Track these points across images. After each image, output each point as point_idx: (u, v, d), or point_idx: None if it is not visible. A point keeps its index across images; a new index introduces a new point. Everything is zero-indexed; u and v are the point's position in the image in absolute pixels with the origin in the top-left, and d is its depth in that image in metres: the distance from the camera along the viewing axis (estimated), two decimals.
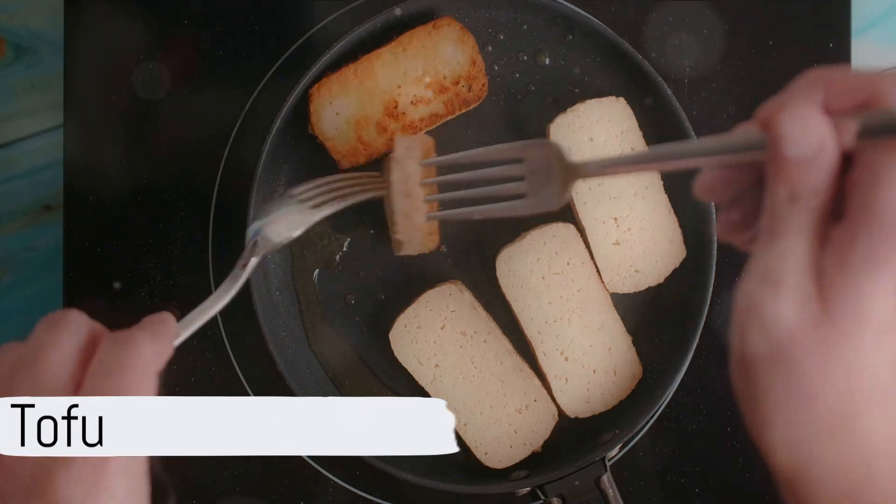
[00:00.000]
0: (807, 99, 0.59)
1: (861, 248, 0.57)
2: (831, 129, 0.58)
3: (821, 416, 0.58)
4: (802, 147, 0.58)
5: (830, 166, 0.58)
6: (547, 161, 0.82)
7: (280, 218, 0.91)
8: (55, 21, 1.09)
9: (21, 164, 1.11)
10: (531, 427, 1.02)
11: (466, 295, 1.01)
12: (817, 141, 0.58)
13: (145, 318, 0.73)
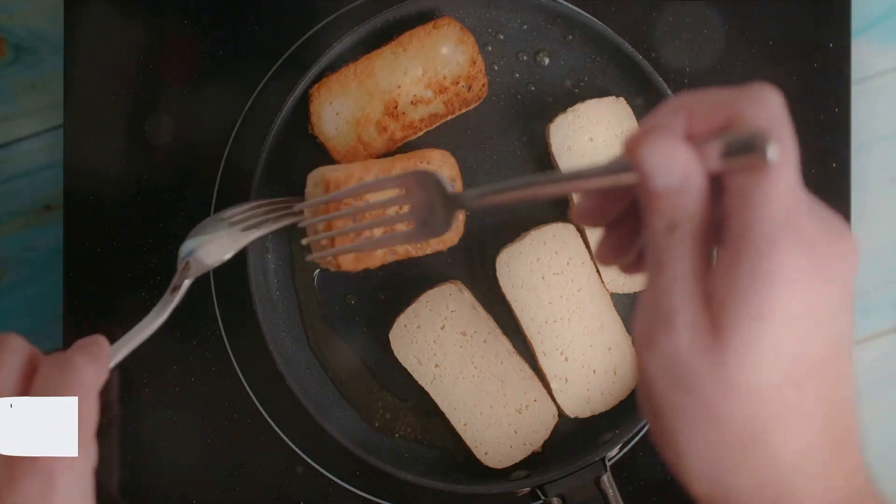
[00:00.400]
0: (668, 127, 0.59)
1: (742, 272, 0.56)
2: (693, 156, 0.58)
3: (728, 440, 0.58)
4: (667, 179, 0.58)
5: (700, 192, 0.58)
6: (427, 192, 0.83)
7: (212, 240, 0.91)
8: (55, 21, 1.09)
9: (21, 164, 1.11)
10: (531, 427, 1.02)
11: (466, 295, 1.01)
12: (681, 171, 0.57)
13: (78, 342, 0.74)
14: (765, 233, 0.56)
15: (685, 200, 0.58)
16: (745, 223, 0.57)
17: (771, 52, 1.09)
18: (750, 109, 0.57)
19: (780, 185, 0.56)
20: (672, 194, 0.58)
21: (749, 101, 0.57)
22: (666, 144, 0.58)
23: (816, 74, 1.09)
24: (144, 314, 0.83)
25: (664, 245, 0.59)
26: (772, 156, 0.55)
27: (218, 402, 1.08)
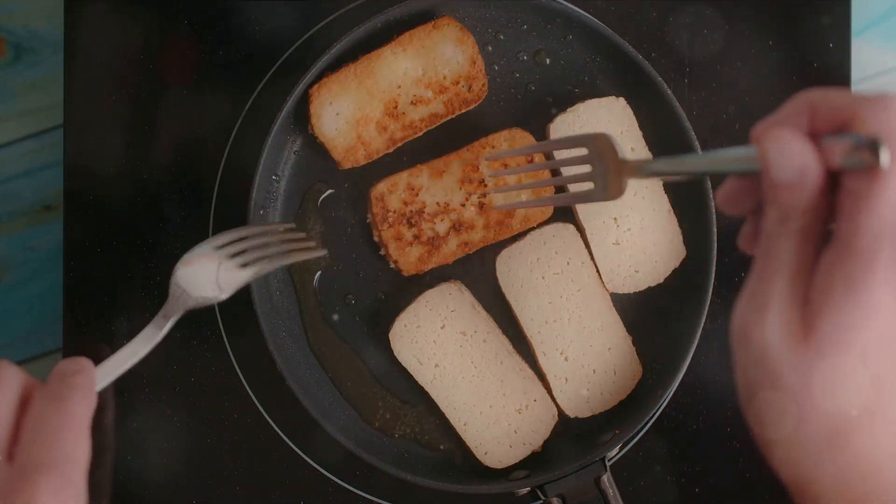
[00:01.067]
0: (792, 122, 0.61)
1: (842, 274, 0.58)
2: (813, 153, 0.59)
3: (812, 436, 0.60)
4: (786, 172, 0.59)
5: (814, 188, 0.59)
6: (600, 154, 0.85)
7: (206, 274, 0.89)
8: (55, 21, 1.09)
9: (21, 164, 1.11)
10: (531, 427, 1.02)
11: (466, 295, 1.01)
12: (799, 165, 0.59)
13: (64, 368, 0.73)
14: (867, 242, 0.57)
15: (800, 194, 0.60)
16: (851, 226, 0.58)
17: (771, 52, 1.09)
18: (871, 113, 0.58)
19: (889, 193, 0.57)
20: (788, 187, 0.60)
21: (871, 106, 0.58)
22: (787, 138, 0.59)
23: (816, 74, 1.09)
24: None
25: (774, 235, 0.61)
26: (884, 161, 0.56)
27: (218, 402, 1.08)
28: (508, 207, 1.00)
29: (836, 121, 0.60)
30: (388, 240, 1.01)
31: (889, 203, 0.57)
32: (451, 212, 1.01)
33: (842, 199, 0.59)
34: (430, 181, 1.01)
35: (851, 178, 0.58)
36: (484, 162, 1.00)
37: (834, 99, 0.60)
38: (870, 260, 0.57)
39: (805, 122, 0.61)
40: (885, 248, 0.57)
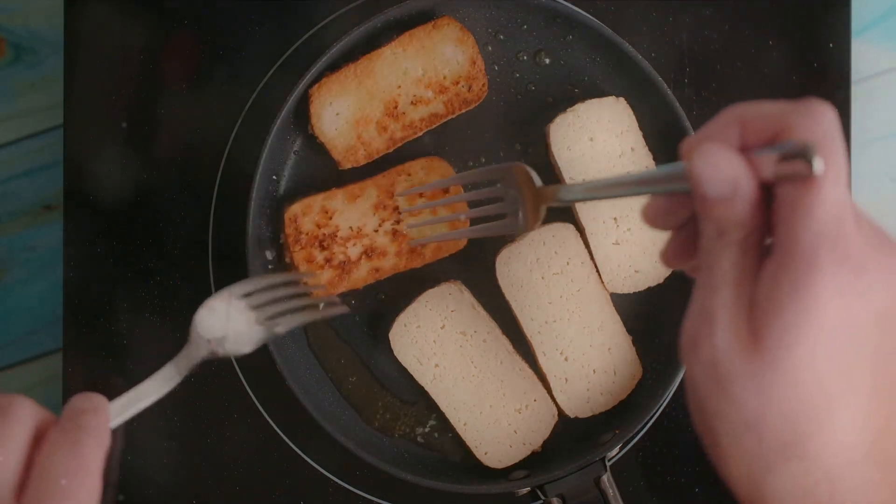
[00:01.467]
0: (721, 136, 0.61)
1: (786, 279, 0.57)
2: (743, 166, 0.59)
3: (765, 447, 0.59)
4: (718, 186, 0.59)
5: (748, 201, 0.59)
6: (517, 185, 0.87)
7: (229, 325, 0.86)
8: (55, 21, 1.09)
9: (21, 164, 1.11)
10: (531, 427, 1.02)
11: (466, 295, 1.01)
12: (731, 180, 0.59)
13: (77, 403, 0.70)
14: (807, 246, 0.57)
15: (734, 208, 0.60)
16: (789, 234, 0.58)
17: (771, 52, 1.09)
18: (800, 122, 0.58)
19: (825, 199, 0.57)
20: (722, 202, 0.60)
21: (800, 115, 0.59)
22: (717, 154, 0.59)
23: (816, 74, 1.09)
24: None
25: (713, 249, 0.61)
26: (817, 168, 0.56)
27: (218, 402, 1.08)
28: (423, 242, 1.00)
29: (766, 133, 0.60)
30: (300, 261, 1.01)
31: (826, 206, 0.57)
32: (363, 237, 1.01)
33: (778, 209, 0.59)
34: (345, 205, 1.01)
35: (786, 188, 0.58)
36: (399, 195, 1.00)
37: (764, 111, 0.60)
38: (812, 262, 0.57)
39: (735, 135, 0.61)
40: (826, 249, 0.57)
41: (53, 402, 1.09)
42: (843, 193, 0.58)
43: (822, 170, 0.56)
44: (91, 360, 1.07)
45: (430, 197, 1.00)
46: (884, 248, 0.59)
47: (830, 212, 0.57)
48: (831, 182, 0.57)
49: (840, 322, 0.57)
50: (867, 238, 0.59)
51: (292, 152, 1.04)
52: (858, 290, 0.57)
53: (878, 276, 0.58)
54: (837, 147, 0.58)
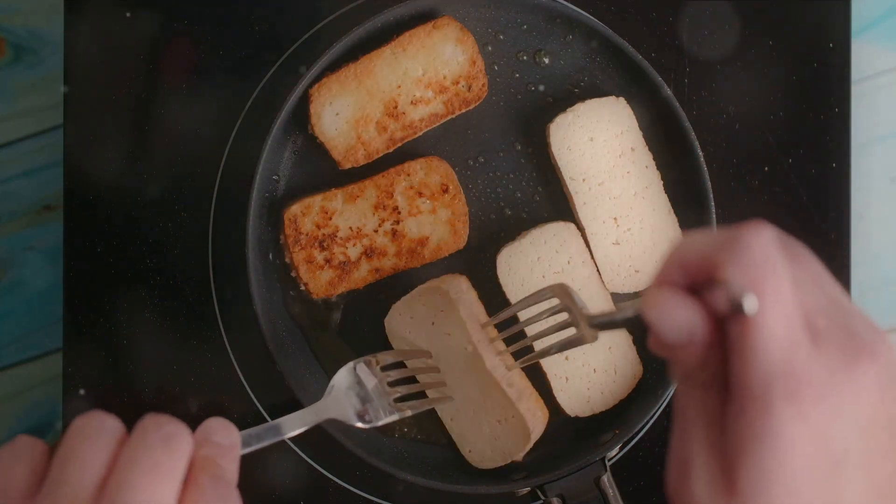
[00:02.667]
0: (670, 280, 0.61)
1: (745, 422, 0.57)
2: (693, 311, 0.59)
3: None
4: (673, 334, 0.59)
5: (705, 343, 0.59)
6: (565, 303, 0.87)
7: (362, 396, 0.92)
8: (55, 21, 1.09)
9: (21, 164, 1.11)
10: (510, 439, 1.01)
11: (465, 294, 1.00)
12: (685, 327, 0.59)
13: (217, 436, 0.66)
14: (758, 388, 0.57)
15: (692, 352, 0.60)
16: (740, 377, 0.58)
17: (771, 52, 1.09)
18: (728, 262, 0.58)
19: (768, 336, 0.56)
20: (680, 348, 0.60)
21: (727, 254, 0.58)
22: (668, 303, 0.59)
23: (816, 74, 1.09)
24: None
25: (682, 393, 0.62)
26: (749, 310, 0.56)
27: (218, 402, 1.08)
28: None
29: (705, 271, 0.59)
30: (300, 262, 1.01)
31: (770, 344, 0.56)
32: (363, 237, 1.01)
33: (729, 348, 0.58)
34: (344, 206, 1.01)
35: (731, 327, 0.58)
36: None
37: (696, 249, 0.60)
38: (765, 405, 0.56)
39: (682, 276, 0.60)
40: (777, 389, 0.56)
41: (53, 402, 1.09)
42: (788, 324, 0.57)
43: (755, 309, 0.56)
44: (91, 360, 1.07)
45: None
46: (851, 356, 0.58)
47: (776, 349, 0.56)
48: (772, 316, 0.56)
49: (811, 453, 0.57)
50: (831, 352, 0.57)
51: (292, 152, 1.04)
52: (824, 417, 0.57)
53: (843, 396, 0.57)
54: (775, 276, 0.57)
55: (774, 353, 0.57)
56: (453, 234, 1.02)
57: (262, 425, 0.80)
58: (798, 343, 0.57)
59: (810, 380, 0.57)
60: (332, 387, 0.91)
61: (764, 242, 0.58)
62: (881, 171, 1.13)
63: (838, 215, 1.09)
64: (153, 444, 0.61)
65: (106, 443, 0.61)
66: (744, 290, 0.56)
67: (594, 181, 1.02)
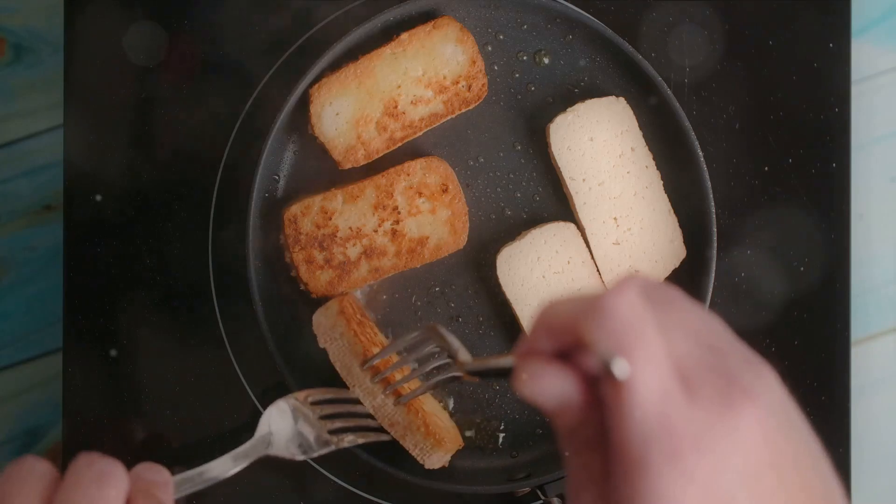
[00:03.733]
0: (539, 345, 0.60)
1: (628, 488, 0.56)
2: (563, 376, 0.59)
3: None
4: (546, 401, 0.59)
5: (580, 406, 0.59)
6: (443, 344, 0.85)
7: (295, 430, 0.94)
8: (55, 21, 1.09)
9: (21, 164, 1.11)
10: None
11: (336, 343, 0.99)
12: (555, 393, 0.59)
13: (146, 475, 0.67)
14: (635, 450, 0.56)
15: (570, 416, 0.60)
16: (618, 437, 0.57)
17: (771, 52, 1.09)
18: (593, 330, 0.57)
19: (640, 397, 0.56)
20: (556, 414, 0.60)
21: (591, 320, 0.57)
22: (536, 373, 0.59)
23: (816, 74, 1.09)
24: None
25: (568, 454, 0.61)
26: (619, 373, 0.56)
27: (218, 402, 1.08)
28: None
29: (573, 336, 0.59)
30: (299, 262, 1.01)
31: (641, 406, 0.56)
32: (363, 237, 1.01)
33: (604, 409, 0.58)
34: (344, 206, 1.01)
35: (604, 390, 0.58)
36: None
37: (561, 316, 0.60)
38: (644, 464, 0.56)
39: (550, 343, 0.60)
40: (654, 448, 0.55)
41: (53, 402, 1.09)
42: (660, 381, 0.56)
43: (626, 373, 0.56)
44: (91, 360, 1.07)
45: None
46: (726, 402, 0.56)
47: (650, 408, 0.56)
48: (643, 376, 0.56)
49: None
50: (705, 403, 0.56)
51: (292, 152, 1.04)
52: (706, 471, 0.56)
53: (723, 445, 0.56)
54: (641, 337, 0.56)
55: (649, 411, 0.56)
56: (453, 234, 1.02)
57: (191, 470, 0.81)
58: (672, 398, 0.56)
59: (688, 434, 0.56)
60: (266, 424, 0.93)
61: (626, 303, 0.57)
62: (881, 171, 1.13)
63: (838, 215, 1.09)
64: (86, 483, 0.61)
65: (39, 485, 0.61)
66: (612, 354, 0.56)
67: (594, 181, 1.02)
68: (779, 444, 0.57)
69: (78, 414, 1.07)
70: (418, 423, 0.97)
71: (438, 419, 1.00)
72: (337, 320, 0.98)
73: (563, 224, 1.02)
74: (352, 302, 1.00)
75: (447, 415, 1.04)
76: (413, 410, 0.97)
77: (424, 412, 0.98)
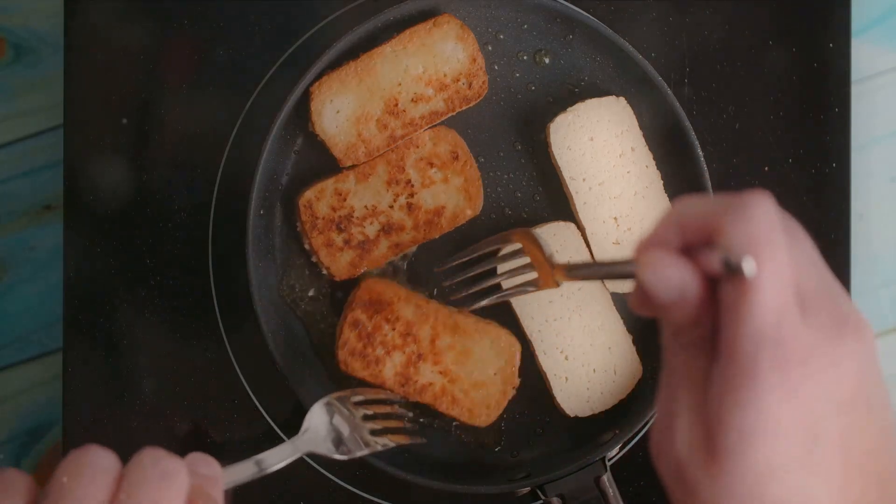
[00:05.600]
0: (664, 240, 0.61)
1: (729, 387, 0.58)
2: (687, 270, 0.60)
3: None
4: (665, 293, 0.60)
5: (697, 303, 0.60)
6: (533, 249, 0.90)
7: (338, 429, 0.94)
8: (55, 21, 1.10)
9: (21, 164, 1.11)
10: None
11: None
12: (677, 285, 0.60)
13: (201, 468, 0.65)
14: (746, 352, 0.57)
15: (684, 310, 0.60)
16: (729, 340, 0.58)
17: (771, 52, 1.09)
18: (730, 225, 0.58)
19: (762, 302, 0.57)
20: (672, 305, 0.60)
21: (730, 217, 0.59)
22: (661, 262, 0.60)
23: (816, 74, 1.09)
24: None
25: (670, 350, 0.62)
26: (748, 272, 0.57)
27: (218, 402, 1.08)
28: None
29: (704, 232, 0.60)
30: (319, 247, 1.01)
31: (762, 309, 0.57)
32: (379, 214, 1.01)
33: (720, 310, 0.59)
34: (357, 185, 1.01)
35: (725, 290, 0.59)
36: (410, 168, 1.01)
37: (697, 211, 0.61)
38: (752, 370, 0.57)
39: (676, 239, 0.61)
40: (765, 356, 0.57)
41: (53, 402, 1.09)
42: (782, 292, 0.57)
43: (754, 272, 0.57)
44: (91, 360, 1.07)
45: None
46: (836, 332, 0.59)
47: (768, 314, 0.57)
48: (768, 282, 0.57)
49: (792, 425, 0.57)
50: (818, 326, 0.58)
51: (293, 151, 1.04)
52: (807, 391, 0.57)
53: (827, 370, 0.58)
54: (774, 244, 0.57)
55: (766, 319, 0.57)
56: (468, 200, 1.02)
57: (243, 462, 0.79)
58: (789, 312, 0.58)
59: (797, 352, 0.57)
60: (309, 421, 0.93)
61: (766, 210, 0.58)
62: (881, 171, 1.13)
63: (838, 215, 1.09)
64: (151, 482, 0.60)
65: (103, 481, 0.60)
66: (744, 252, 0.57)
67: (594, 181, 1.02)
68: (871, 388, 0.60)
69: (78, 414, 1.07)
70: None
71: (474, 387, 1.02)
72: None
73: (563, 224, 1.02)
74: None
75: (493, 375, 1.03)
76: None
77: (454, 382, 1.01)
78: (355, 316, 1.00)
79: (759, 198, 0.59)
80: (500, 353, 1.01)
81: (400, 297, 1.01)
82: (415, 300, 1.01)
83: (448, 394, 1.00)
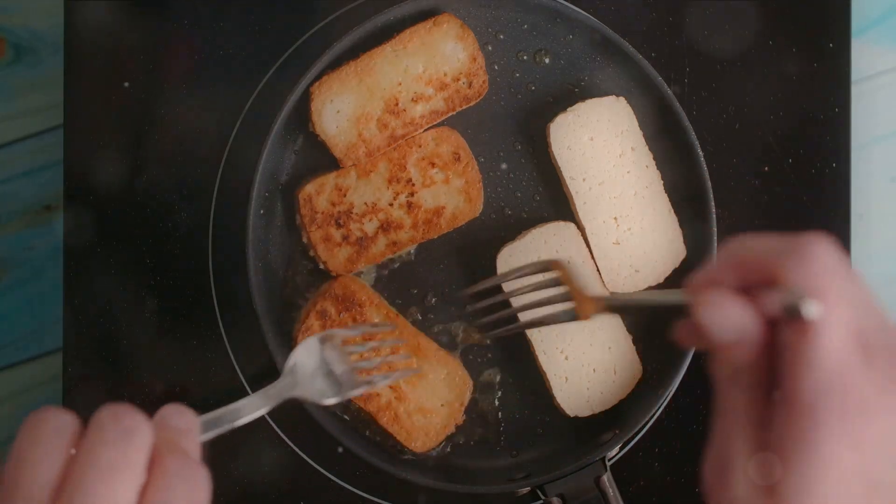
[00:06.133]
0: (722, 277, 0.60)
1: (791, 433, 0.57)
2: (746, 311, 0.59)
3: None
4: (724, 333, 0.59)
5: (757, 344, 0.59)
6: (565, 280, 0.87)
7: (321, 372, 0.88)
8: (55, 21, 1.09)
9: (21, 164, 1.11)
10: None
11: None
12: (736, 326, 0.59)
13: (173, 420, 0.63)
14: (808, 398, 0.57)
15: (741, 352, 0.60)
16: (791, 385, 0.57)
17: (771, 52, 1.09)
18: (792, 268, 0.58)
19: (825, 347, 0.56)
20: (729, 347, 0.60)
21: (791, 259, 0.58)
22: (719, 302, 0.59)
23: (816, 74, 1.09)
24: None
25: (726, 391, 0.61)
26: (810, 314, 0.56)
27: (218, 402, 1.08)
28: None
29: (762, 273, 0.59)
30: (317, 241, 1.01)
31: (826, 355, 0.56)
32: (379, 211, 1.01)
33: (781, 354, 0.58)
34: (358, 181, 1.01)
35: (787, 332, 0.58)
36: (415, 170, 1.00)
37: (755, 251, 0.60)
38: (815, 417, 0.56)
39: (734, 278, 0.60)
40: (829, 402, 0.56)
41: (53, 402, 1.09)
42: (845, 337, 0.57)
43: (818, 317, 0.56)
44: (91, 360, 1.07)
45: None
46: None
47: (831, 361, 0.56)
48: (831, 327, 0.56)
49: (853, 469, 0.57)
50: (879, 371, 0.58)
51: (293, 151, 1.04)
52: (869, 435, 0.57)
53: (889, 419, 0.57)
54: (837, 288, 0.57)
55: (830, 364, 0.56)
56: (468, 202, 1.02)
57: (220, 409, 0.76)
58: (853, 357, 0.57)
59: (861, 398, 0.57)
60: (293, 364, 0.86)
61: (828, 253, 0.58)
62: (881, 171, 1.13)
63: (838, 215, 1.09)
64: (111, 441, 0.58)
65: (60, 442, 0.58)
66: (808, 295, 0.56)
67: (594, 181, 1.02)
68: None
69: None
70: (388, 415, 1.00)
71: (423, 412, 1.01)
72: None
73: (563, 224, 1.02)
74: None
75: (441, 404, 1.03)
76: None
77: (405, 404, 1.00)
78: (325, 306, 1.00)
79: (821, 239, 0.58)
80: (453, 386, 1.01)
81: (372, 301, 1.01)
82: (385, 310, 1.01)
83: (392, 410, 1.00)
